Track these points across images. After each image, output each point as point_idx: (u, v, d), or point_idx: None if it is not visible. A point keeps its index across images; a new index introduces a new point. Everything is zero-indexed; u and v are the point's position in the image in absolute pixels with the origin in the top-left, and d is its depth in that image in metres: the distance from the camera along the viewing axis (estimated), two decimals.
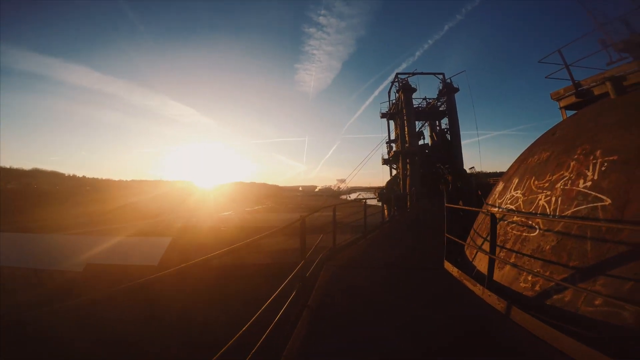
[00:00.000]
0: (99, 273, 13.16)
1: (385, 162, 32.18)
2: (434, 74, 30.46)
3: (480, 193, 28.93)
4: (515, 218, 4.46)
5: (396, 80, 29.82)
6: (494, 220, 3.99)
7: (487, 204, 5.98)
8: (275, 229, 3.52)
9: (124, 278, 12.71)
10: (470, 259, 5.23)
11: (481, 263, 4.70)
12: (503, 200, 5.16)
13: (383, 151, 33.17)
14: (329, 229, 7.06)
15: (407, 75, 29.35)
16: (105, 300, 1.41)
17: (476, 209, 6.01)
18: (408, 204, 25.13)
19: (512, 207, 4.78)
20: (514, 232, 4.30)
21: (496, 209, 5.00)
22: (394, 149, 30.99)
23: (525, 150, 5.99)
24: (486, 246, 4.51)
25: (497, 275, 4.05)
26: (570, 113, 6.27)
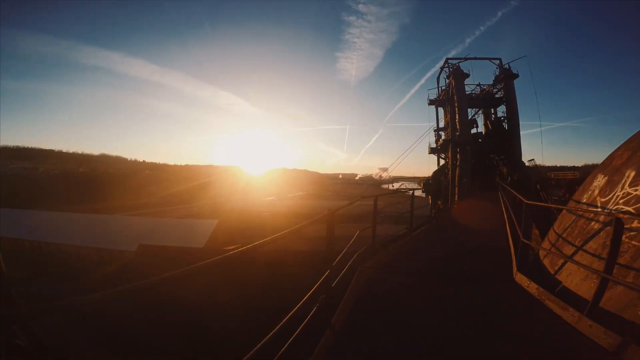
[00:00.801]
0: (149, 252, 14.19)
1: (432, 151, 30.35)
2: (490, 59, 27.68)
3: (539, 187, 26.15)
4: (636, 224, 3.31)
5: (446, 65, 27.63)
6: (619, 226, 2.88)
7: (579, 202, 4.82)
8: (316, 217, 3.24)
9: (172, 258, 13.64)
10: (552, 271, 4.17)
11: (571, 278, 3.71)
12: (611, 199, 3.91)
13: (430, 139, 31.29)
14: (369, 218, 6.23)
15: (458, 61, 27.02)
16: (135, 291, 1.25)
17: (563, 207, 5.08)
18: (456, 197, 23.53)
19: (630, 208, 3.58)
20: (633, 242, 3.25)
21: (614, 211, 3.67)
22: (443, 137, 29.03)
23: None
24: (583, 258, 3.62)
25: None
26: None
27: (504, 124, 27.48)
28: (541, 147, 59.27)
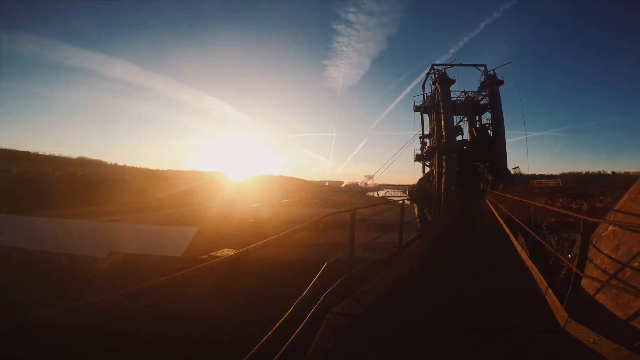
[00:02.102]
0: (120, 261, 13.26)
1: (417, 158, 30.35)
2: (475, 65, 28.08)
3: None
4: None
5: (432, 71, 27.85)
6: None
7: (622, 211, 4.12)
8: (300, 226, 3.01)
9: (146, 267, 12.75)
10: (623, 315, 3.01)
11: None
12: None
13: (416, 147, 31.34)
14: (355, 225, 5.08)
15: (444, 67, 27.28)
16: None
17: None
18: (442, 205, 23.35)
19: None
20: None
21: None
22: (429, 144, 29.10)
23: None
24: None
25: None
26: None
27: (489, 131, 27.80)
28: (527, 154, 60.94)
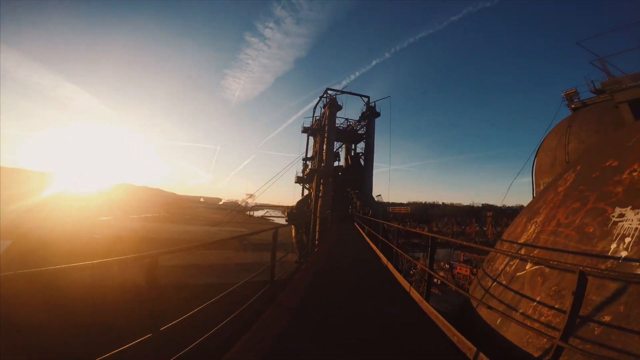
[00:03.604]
0: None
1: (299, 180, 30.61)
2: (361, 95, 31.02)
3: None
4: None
5: (325, 95, 29.21)
6: (583, 281, 2.29)
7: (513, 242, 4.77)
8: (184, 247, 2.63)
9: None
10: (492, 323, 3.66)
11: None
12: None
13: (298, 169, 31.70)
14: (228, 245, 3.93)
15: (335, 93, 29.08)
16: None
17: (495, 250, 4.89)
18: (317, 228, 23.69)
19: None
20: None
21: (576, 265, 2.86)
22: (310, 167, 29.81)
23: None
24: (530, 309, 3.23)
25: None
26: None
27: (361, 159, 30.68)
28: (388, 184, 71.59)
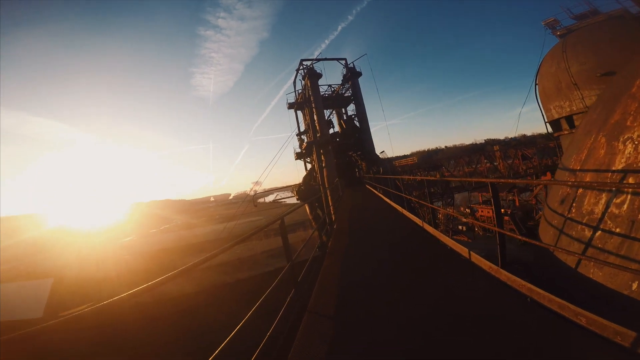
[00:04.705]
0: None
1: (298, 156, 30.09)
2: (337, 59, 29.73)
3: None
4: None
5: (301, 67, 27.90)
6: None
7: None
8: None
9: None
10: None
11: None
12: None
13: (295, 145, 31.06)
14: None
15: (311, 62, 27.71)
16: None
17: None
18: (329, 198, 23.35)
19: None
20: None
21: None
22: (306, 141, 29.10)
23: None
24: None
25: None
26: None
27: (355, 121, 29.74)
28: (389, 139, 70.52)
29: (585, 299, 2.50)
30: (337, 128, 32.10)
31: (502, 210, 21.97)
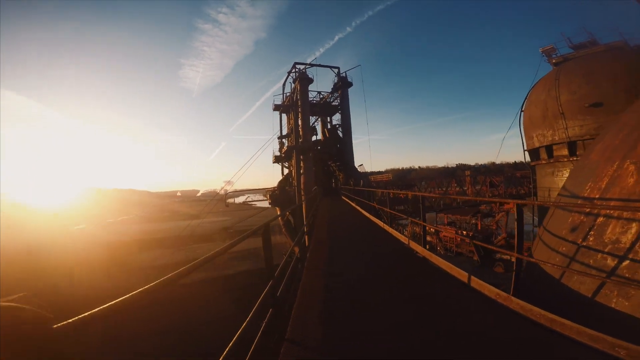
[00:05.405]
0: None
1: (277, 159, 29.41)
2: (330, 67, 29.76)
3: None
4: None
5: (294, 69, 27.50)
6: None
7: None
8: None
9: None
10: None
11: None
12: None
13: (274, 148, 30.40)
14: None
15: (304, 66, 27.42)
16: None
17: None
18: (304, 206, 22.62)
19: None
20: None
21: None
22: (286, 145, 28.54)
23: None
24: None
25: None
26: None
27: (338, 131, 29.64)
28: (370, 154, 71.46)
29: (614, 330, 2.19)
30: (319, 136, 31.83)
31: (464, 232, 22.83)
